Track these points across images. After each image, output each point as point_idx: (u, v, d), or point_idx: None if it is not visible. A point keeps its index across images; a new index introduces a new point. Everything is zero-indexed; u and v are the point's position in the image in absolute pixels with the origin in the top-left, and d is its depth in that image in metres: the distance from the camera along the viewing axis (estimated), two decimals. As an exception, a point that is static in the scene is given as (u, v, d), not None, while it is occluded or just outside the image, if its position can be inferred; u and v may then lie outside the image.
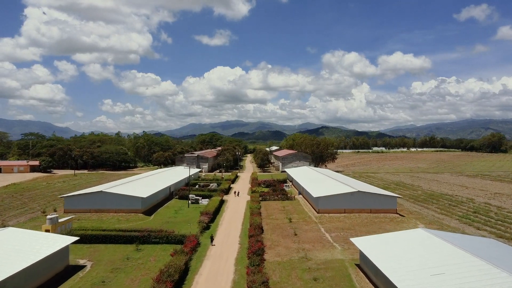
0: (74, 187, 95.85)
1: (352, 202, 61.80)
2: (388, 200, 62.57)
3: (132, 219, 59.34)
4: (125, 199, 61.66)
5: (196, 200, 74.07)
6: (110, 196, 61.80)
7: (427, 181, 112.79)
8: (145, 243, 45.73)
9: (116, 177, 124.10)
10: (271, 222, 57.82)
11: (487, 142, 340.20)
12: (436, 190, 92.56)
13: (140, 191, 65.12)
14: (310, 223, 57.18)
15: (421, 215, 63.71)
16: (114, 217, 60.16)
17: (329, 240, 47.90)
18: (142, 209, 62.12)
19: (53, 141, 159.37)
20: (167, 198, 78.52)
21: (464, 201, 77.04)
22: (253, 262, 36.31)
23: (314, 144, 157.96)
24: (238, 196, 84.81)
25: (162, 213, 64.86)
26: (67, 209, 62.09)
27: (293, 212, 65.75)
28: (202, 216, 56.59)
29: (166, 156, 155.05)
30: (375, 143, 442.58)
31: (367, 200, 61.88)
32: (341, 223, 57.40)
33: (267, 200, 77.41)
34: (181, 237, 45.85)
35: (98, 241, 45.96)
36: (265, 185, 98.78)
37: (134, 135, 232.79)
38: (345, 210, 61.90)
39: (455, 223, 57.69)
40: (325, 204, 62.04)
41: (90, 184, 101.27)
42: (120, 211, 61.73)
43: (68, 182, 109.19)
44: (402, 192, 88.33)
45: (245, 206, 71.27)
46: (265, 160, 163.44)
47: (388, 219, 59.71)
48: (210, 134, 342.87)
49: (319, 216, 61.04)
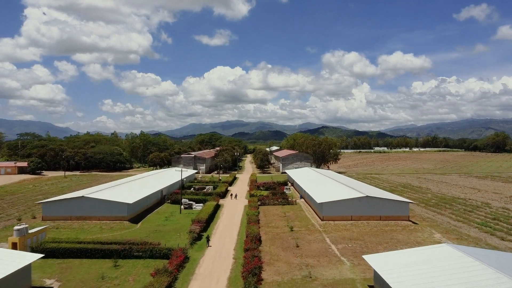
0: (62, 190, 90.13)
1: (359, 208, 56.02)
2: (399, 206, 56.77)
3: (117, 228, 53.60)
4: (109, 205, 55.90)
5: (189, 205, 68.32)
6: (92, 202, 56.04)
7: (435, 183, 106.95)
8: (126, 258, 40.03)
9: (109, 178, 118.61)
10: (271, 231, 52.09)
11: (491, 142, 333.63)
12: (447, 193, 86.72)
13: (127, 196, 59.36)
14: (313, 232, 51.42)
15: (435, 222, 57.92)
16: (96, 226, 54.42)
17: (336, 254, 42.14)
18: (128, 216, 56.36)
19: (45, 141, 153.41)
20: (158, 203, 72.79)
21: (479, 205, 71.24)
22: (248, 285, 30.65)
23: (315, 144, 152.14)
24: (236, 199, 79.81)
25: (151, 220, 59.12)
26: (45, 217, 56.35)
27: (295, 218, 60.01)
28: (194, 224, 50.83)
29: (162, 156, 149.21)
30: (376, 143, 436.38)
31: (377, 206, 56.10)
32: (348, 232, 51.65)
33: (266, 204, 71.76)
34: (167, 250, 40.17)
35: (73, 256, 40.28)
36: (264, 187, 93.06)
37: (132, 135, 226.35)
38: (352, 217, 56.11)
39: (475, 232, 51.86)
40: (330, 210, 56.26)
41: (80, 187, 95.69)
42: (104, 218, 55.96)
43: (57, 184, 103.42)
44: (411, 196, 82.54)
45: (242, 212, 65.55)
46: (265, 161, 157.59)
47: (400, 227, 53.94)
48: (209, 134, 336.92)
49: (323, 224, 55.28)
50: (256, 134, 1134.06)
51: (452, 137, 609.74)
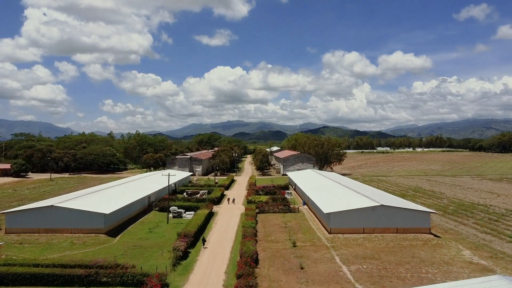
0: (43, 195, 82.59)
1: (373, 220, 48.36)
2: (419, 216, 49.04)
3: (90, 243, 46.02)
4: (83, 216, 48.32)
5: (178, 214, 60.70)
6: (63, 212, 48.45)
7: (448, 187, 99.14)
8: (90, 286, 32.48)
9: (98, 181, 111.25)
10: (270, 247, 44.47)
11: (496, 142, 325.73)
12: (464, 198, 78.97)
13: (105, 205, 51.77)
14: (320, 249, 43.77)
15: (460, 234, 50.23)
16: (67, 240, 46.84)
17: (349, 279, 34.49)
18: (105, 229, 48.73)
19: (33, 142, 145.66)
20: (145, 211, 65.20)
21: (504, 213, 63.52)
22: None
23: (318, 145, 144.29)
24: (233, 203, 73.27)
25: (132, 233, 51.47)
26: (9, 229, 48.80)
27: (298, 230, 52.35)
28: (179, 239, 43.18)
29: (156, 157, 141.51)
30: (379, 143, 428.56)
31: (393, 216, 48.42)
32: (361, 248, 44.00)
33: (265, 212, 64.16)
34: (141, 276, 32.54)
35: (26, 283, 32.78)
36: (263, 192, 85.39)
37: (129, 135, 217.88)
38: (364, 230, 48.44)
39: (510, 248, 44.18)
40: (339, 222, 48.58)
41: (64, 191, 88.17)
42: (77, 231, 48.38)
43: (39, 188, 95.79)
44: (425, 202, 74.88)
45: (238, 222, 57.94)
46: (265, 162, 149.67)
47: (420, 241, 46.26)
48: (208, 134, 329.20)
49: (331, 238, 47.60)
50: (257, 134, 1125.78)
51: (453, 137, 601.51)
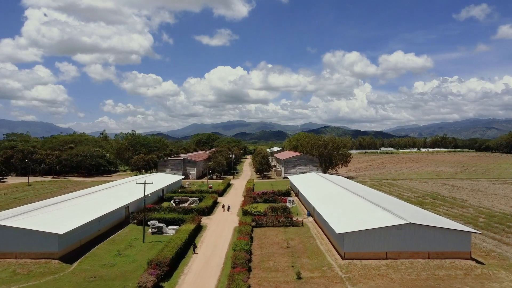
0: (12, 203, 72.53)
1: (398, 241, 38.17)
2: (456, 236, 38.78)
3: (37, 273, 35.90)
4: (31, 236, 38.27)
5: (158, 229, 50.51)
6: (6, 231, 38.39)
7: (469, 192, 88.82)
8: None
9: (82, 185, 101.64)
10: (267, 279, 34.32)
11: (504, 142, 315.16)
12: (492, 208, 68.68)
13: (63, 221, 41.68)
14: (332, 282, 33.56)
15: (507, 259, 40.03)
16: (9, 268, 36.77)
17: (379, 338, 24.31)
18: (60, 253, 38.62)
19: (15, 142, 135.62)
20: (120, 224, 55.09)
21: (548, 228, 53.28)
22: None
23: (321, 145, 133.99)
24: (229, 211, 65.13)
25: (96, 256, 41.32)
26: None
27: (303, 253, 42.19)
28: (148, 270, 32.97)
29: (147, 159, 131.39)
30: (382, 143, 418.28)
31: (424, 237, 38.23)
32: (386, 280, 33.82)
33: (263, 226, 54.15)
34: None
35: None
36: (262, 199, 75.17)
37: (121, 135, 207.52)
38: (388, 254, 38.26)
39: None
40: (355, 244, 38.36)
41: (38, 198, 78.25)
42: (24, 255, 38.34)
43: (11, 195, 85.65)
44: (448, 212, 64.75)
45: (230, 240, 47.83)
46: (264, 164, 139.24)
47: (461, 271, 36.06)
48: (207, 134, 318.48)
49: (345, 266, 37.38)
50: (258, 134, 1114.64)
51: (455, 137, 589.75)
